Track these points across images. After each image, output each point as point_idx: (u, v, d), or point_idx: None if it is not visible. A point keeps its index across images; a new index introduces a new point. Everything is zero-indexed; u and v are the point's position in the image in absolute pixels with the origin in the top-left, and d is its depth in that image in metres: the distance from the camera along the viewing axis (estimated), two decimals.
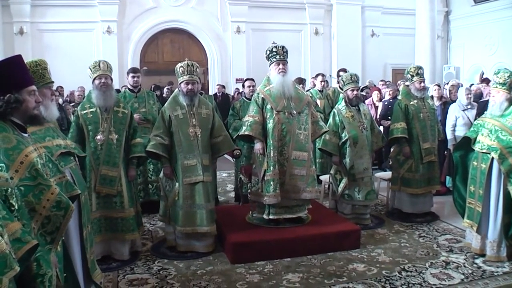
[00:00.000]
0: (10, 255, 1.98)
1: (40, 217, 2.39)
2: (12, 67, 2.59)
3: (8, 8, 12.58)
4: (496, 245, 4.50)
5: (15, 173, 2.37)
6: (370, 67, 15.22)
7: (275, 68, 5.08)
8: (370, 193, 5.78)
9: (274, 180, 4.91)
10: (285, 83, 5.03)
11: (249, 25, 14.39)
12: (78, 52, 12.69)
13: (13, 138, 2.46)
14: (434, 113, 6.16)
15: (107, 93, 4.70)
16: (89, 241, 3.07)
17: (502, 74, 4.51)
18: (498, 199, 4.47)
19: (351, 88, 5.76)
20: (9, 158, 2.38)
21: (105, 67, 4.77)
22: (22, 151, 2.44)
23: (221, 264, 4.65)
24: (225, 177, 8.63)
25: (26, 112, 2.58)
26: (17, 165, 2.39)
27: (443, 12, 16.03)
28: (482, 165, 4.54)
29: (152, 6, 13.63)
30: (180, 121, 4.85)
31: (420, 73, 6.04)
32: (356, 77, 5.84)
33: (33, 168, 2.43)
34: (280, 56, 5.08)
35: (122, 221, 4.66)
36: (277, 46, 5.10)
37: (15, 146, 2.43)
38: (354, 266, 4.55)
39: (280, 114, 4.97)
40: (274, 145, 4.94)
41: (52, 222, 2.43)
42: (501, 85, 4.50)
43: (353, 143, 5.67)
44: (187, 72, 4.88)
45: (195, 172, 4.81)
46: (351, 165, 5.69)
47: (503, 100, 4.49)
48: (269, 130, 4.97)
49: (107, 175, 4.60)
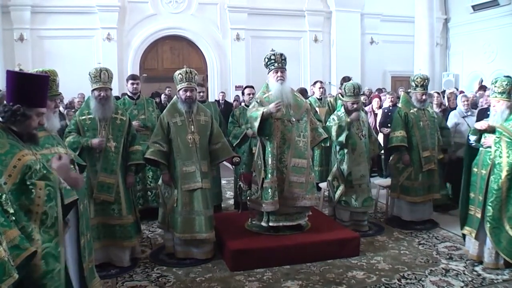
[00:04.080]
0: (9, 262, 1.97)
1: (37, 215, 2.38)
2: (36, 84, 2.63)
3: (9, 14, 12.62)
4: (494, 252, 4.49)
5: (8, 178, 2.36)
6: (370, 75, 15.25)
7: (274, 75, 5.08)
8: (367, 200, 5.78)
9: (272, 187, 4.91)
10: (283, 90, 5.03)
11: (248, 32, 14.44)
12: (78, 59, 12.71)
13: (6, 143, 2.45)
14: (434, 121, 6.14)
15: (106, 106, 4.69)
16: (87, 249, 3.04)
17: (500, 83, 4.49)
18: None
19: (352, 101, 5.74)
20: (2, 163, 2.37)
21: (106, 78, 4.70)
22: (15, 155, 2.43)
23: (220, 271, 4.64)
24: (225, 184, 8.60)
25: (26, 128, 2.60)
26: (10, 169, 2.38)
27: (442, 19, 16.09)
28: (483, 171, 4.54)
29: (152, 13, 13.68)
30: (179, 128, 4.86)
31: (425, 84, 6.00)
32: (358, 91, 5.77)
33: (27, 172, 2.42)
34: (279, 64, 5.08)
35: (120, 228, 4.65)
36: (276, 54, 5.09)
37: (8, 150, 2.43)
38: (354, 273, 4.54)
39: (279, 121, 4.96)
40: (273, 152, 4.94)
41: (50, 215, 2.41)
42: (501, 94, 4.47)
43: (351, 150, 5.68)
44: (185, 79, 4.89)
45: (194, 179, 4.81)
46: (349, 171, 5.70)
47: (504, 108, 4.47)
48: (268, 138, 4.97)
49: (104, 182, 4.60)
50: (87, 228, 3.10)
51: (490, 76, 13.28)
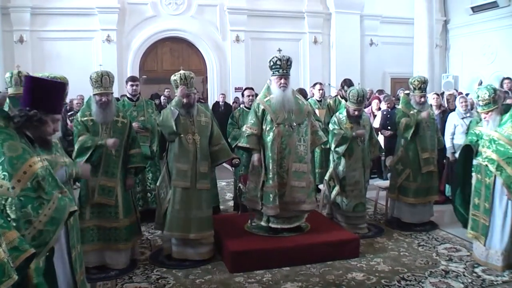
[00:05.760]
0: (8, 263, 1.98)
1: (33, 230, 2.38)
2: (53, 90, 2.66)
3: (8, 16, 12.60)
4: (500, 254, 4.50)
5: (17, 183, 2.37)
6: (369, 76, 15.21)
7: (277, 81, 5.03)
8: (359, 206, 5.78)
9: (273, 192, 4.92)
10: (285, 97, 5.00)
11: (248, 34, 14.41)
12: (78, 60, 12.71)
13: (19, 147, 2.46)
14: (433, 123, 6.14)
15: (107, 110, 4.66)
16: (78, 261, 3.01)
17: (482, 96, 4.54)
18: (506, 211, 4.45)
19: (354, 108, 5.68)
20: (13, 167, 2.37)
21: (107, 83, 4.63)
22: (27, 161, 2.44)
23: (219, 273, 4.64)
24: (224, 186, 8.62)
25: (41, 134, 2.62)
26: (20, 174, 2.39)
27: (442, 21, 16.09)
28: (487, 180, 4.55)
29: (152, 15, 13.66)
30: (180, 126, 4.83)
31: (423, 87, 5.99)
32: (362, 99, 5.69)
33: (35, 179, 2.43)
34: (284, 71, 5.00)
35: (116, 231, 4.64)
36: (282, 59, 4.99)
37: (20, 155, 2.43)
38: (353, 275, 4.54)
39: (280, 126, 4.96)
40: (273, 158, 4.94)
41: (43, 236, 2.42)
42: (487, 106, 4.55)
43: (348, 156, 5.69)
44: (182, 85, 4.87)
45: (185, 178, 4.79)
46: (343, 176, 5.72)
47: (495, 116, 4.55)
48: (268, 143, 4.96)
49: (105, 185, 4.59)
50: (78, 240, 3.07)
51: (489, 77, 13.30)
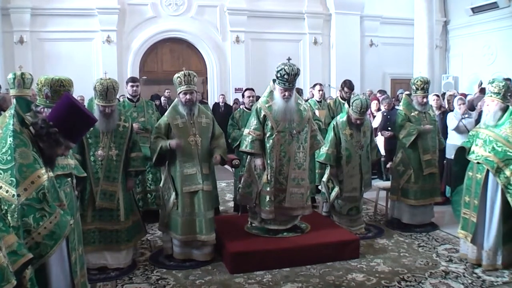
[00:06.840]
0: (8, 268, 1.98)
1: (31, 241, 2.37)
2: (83, 121, 2.69)
3: (8, 17, 12.62)
4: (491, 254, 4.51)
5: (23, 191, 2.36)
6: (369, 77, 15.23)
7: (281, 92, 4.95)
8: (353, 209, 5.81)
9: (270, 196, 4.95)
10: (287, 108, 4.97)
11: (248, 34, 14.42)
12: (78, 61, 12.76)
13: (30, 155, 2.46)
14: (435, 124, 6.13)
15: (110, 120, 4.65)
16: (79, 264, 2.97)
17: (497, 83, 4.57)
18: (493, 208, 4.48)
19: (357, 118, 5.65)
20: (22, 174, 2.37)
21: (112, 95, 4.57)
22: (36, 170, 2.44)
23: (220, 274, 4.64)
24: (224, 187, 8.62)
25: (52, 152, 2.62)
26: (27, 183, 2.38)
27: (442, 22, 16.10)
28: (478, 175, 4.55)
29: (152, 16, 13.67)
30: (180, 130, 4.85)
31: (425, 88, 5.97)
32: (365, 110, 5.65)
33: (42, 191, 2.43)
34: (290, 85, 4.91)
35: (117, 233, 4.66)
36: (290, 73, 4.84)
37: (30, 164, 2.43)
38: (353, 276, 4.54)
39: (280, 134, 4.95)
40: (272, 165, 4.95)
41: (40, 249, 2.41)
42: (496, 94, 4.55)
43: (346, 162, 5.69)
44: (184, 82, 4.88)
45: (195, 181, 4.81)
46: (341, 179, 5.73)
47: (497, 109, 4.53)
48: (267, 150, 4.96)
49: (107, 190, 4.59)
50: (79, 242, 3.05)
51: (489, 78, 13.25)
